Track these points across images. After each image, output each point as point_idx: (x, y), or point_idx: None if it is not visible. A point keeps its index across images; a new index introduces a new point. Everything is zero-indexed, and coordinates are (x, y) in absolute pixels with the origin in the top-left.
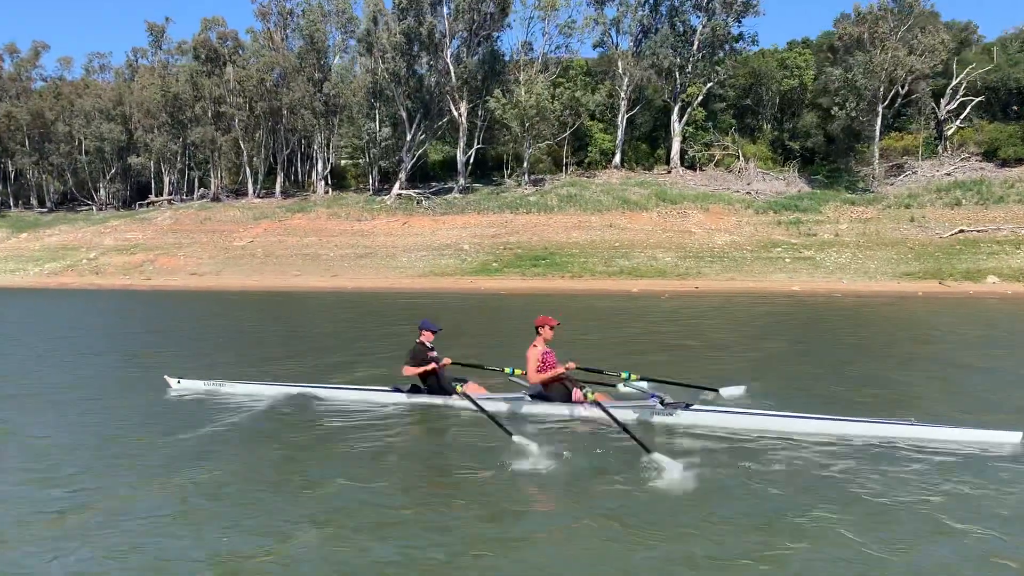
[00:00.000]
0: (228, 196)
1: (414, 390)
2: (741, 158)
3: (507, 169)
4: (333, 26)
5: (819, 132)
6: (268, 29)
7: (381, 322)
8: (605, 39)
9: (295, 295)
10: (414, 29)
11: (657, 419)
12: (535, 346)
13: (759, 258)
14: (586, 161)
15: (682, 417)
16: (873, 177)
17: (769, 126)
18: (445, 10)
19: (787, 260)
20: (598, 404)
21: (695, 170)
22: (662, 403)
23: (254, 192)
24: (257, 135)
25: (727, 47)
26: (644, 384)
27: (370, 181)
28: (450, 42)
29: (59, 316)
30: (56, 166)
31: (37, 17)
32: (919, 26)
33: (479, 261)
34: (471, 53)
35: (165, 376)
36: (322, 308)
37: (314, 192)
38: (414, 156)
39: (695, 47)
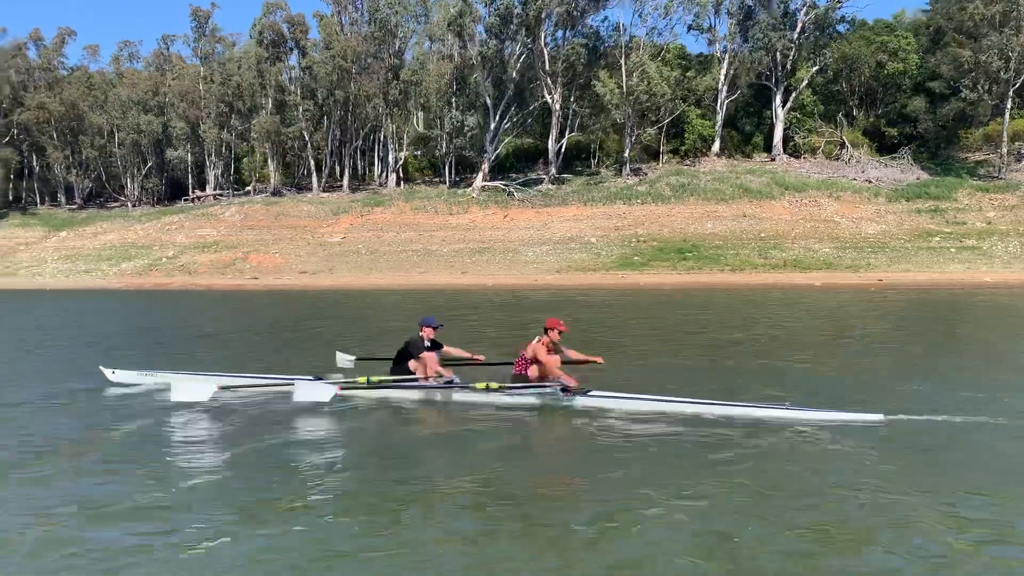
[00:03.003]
0: (289, 190)
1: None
2: (848, 145)
3: (594, 159)
4: (405, 10)
5: (929, 117)
6: (338, 13)
7: (618, 323)
8: (701, 21)
9: (448, 294)
10: (510, 10)
11: (557, 403)
12: (541, 342)
13: (921, 248)
14: (683, 149)
15: (582, 402)
16: (1002, 163)
17: (862, 112)
18: None
19: (952, 250)
20: (503, 388)
21: (798, 157)
22: (563, 390)
23: (319, 186)
24: (323, 126)
25: (832, 29)
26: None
27: (446, 173)
28: (547, 24)
29: (247, 324)
30: (89, 160)
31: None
32: None
33: (616, 255)
34: (572, 36)
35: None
36: (517, 309)
37: (381, 185)
38: (497, 146)
39: (797, 31)
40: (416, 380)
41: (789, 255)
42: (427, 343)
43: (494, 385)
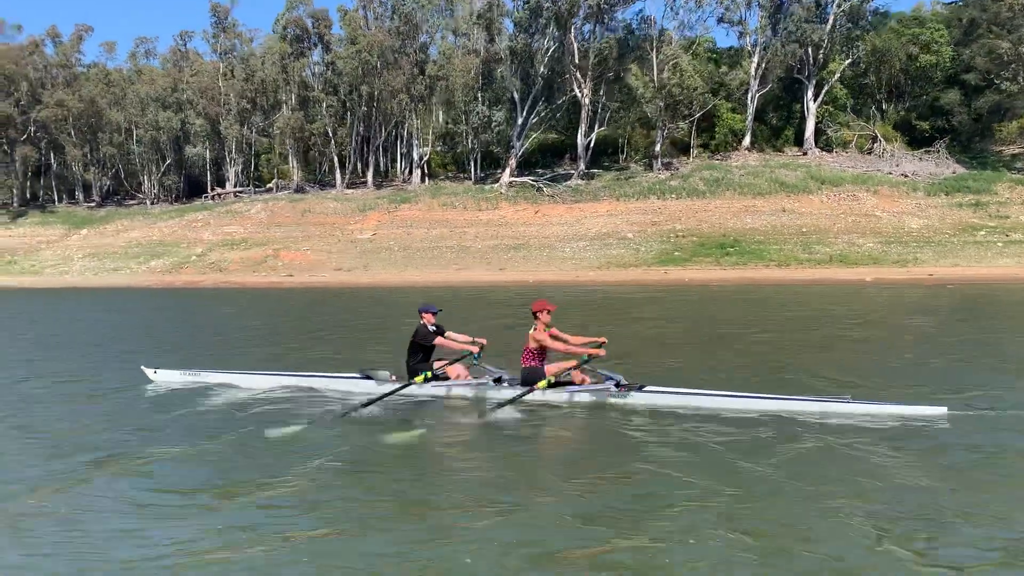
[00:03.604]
0: (312, 187)
1: (414, 372)
2: (881, 139)
3: (622, 154)
4: (430, 3)
5: (963, 110)
6: (363, 7)
7: (683, 318)
8: (731, 15)
9: (491, 291)
10: (540, 4)
11: (612, 400)
12: (538, 329)
13: (967, 243)
14: (713, 143)
15: (636, 398)
16: None
17: (891, 106)
18: None
19: (999, 244)
20: (555, 381)
21: (830, 151)
22: (617, 385)
23: (343, 183)
24: (347, 122)
25: (865, 21)
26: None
27: (472, 169)
28: (576, 18)
29: (305, 322)
30: (107, 157)
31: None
32: None
33: (657, 250)
34: (601, 29)
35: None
36: (569, 306)
37: (405, 181)
38: (525, 141)
39: (829, 24)
40: (469, 381)
41: (833, 250)
42: (432, 328)
43: (551, 381)
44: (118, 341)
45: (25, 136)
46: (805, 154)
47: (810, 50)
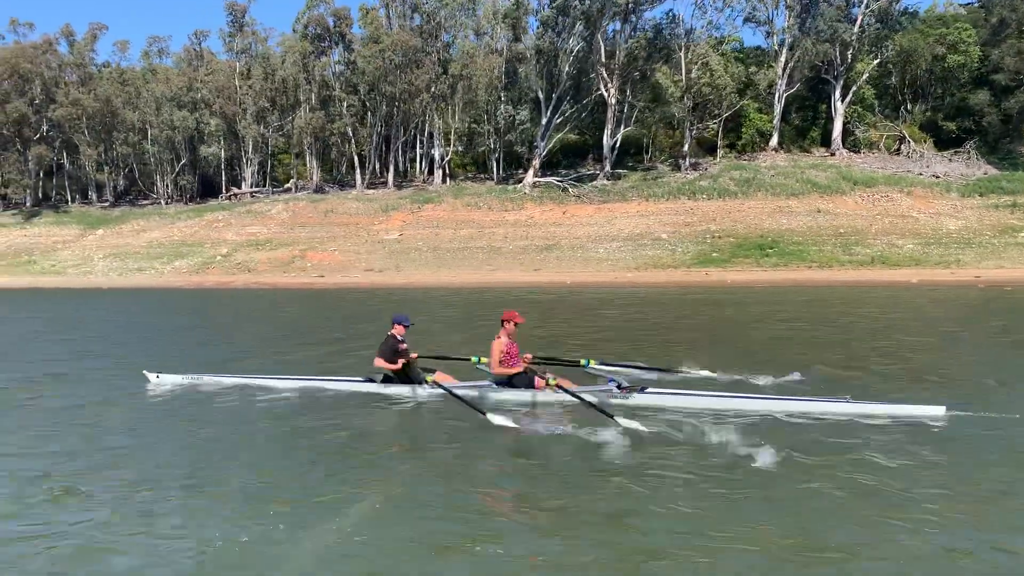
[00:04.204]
0: (331, 187)
1: (387, 380)
2: (909, 140)
3: (646, 153)
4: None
5: (992, 111)
6: (385, 6)
7: (748, 321)
8: (758, 15)
9: (532, 292)
10: (568, 3)
11: (614, 402)
12: (499, 338)
13: (1009, 244)
14: (740, 143)
15: (638, 399)
16: None
17: (916, 106)
18: None
19: None
20: (560, 387)
21: (857, 152)
22: (619, 387)
23: (363, 183)
24: (367, 121)
25: (894, 21)
26: (605, 367)
27: (495, 169)
28: (605, 17)
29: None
30: (120, 157)
31: None
32: None
33: (693, 251)
34: (628, 28)
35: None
36: (620, 307)
37: (425, 181)
38: (549, 141)
39: (857, 23)
40: (478, 382)
41: (873, 251)
42: (400, 338)
43: (552, 382)
44: (214, 347)
45: (38, 135)
46: (833, 155)
47: (838, 50)
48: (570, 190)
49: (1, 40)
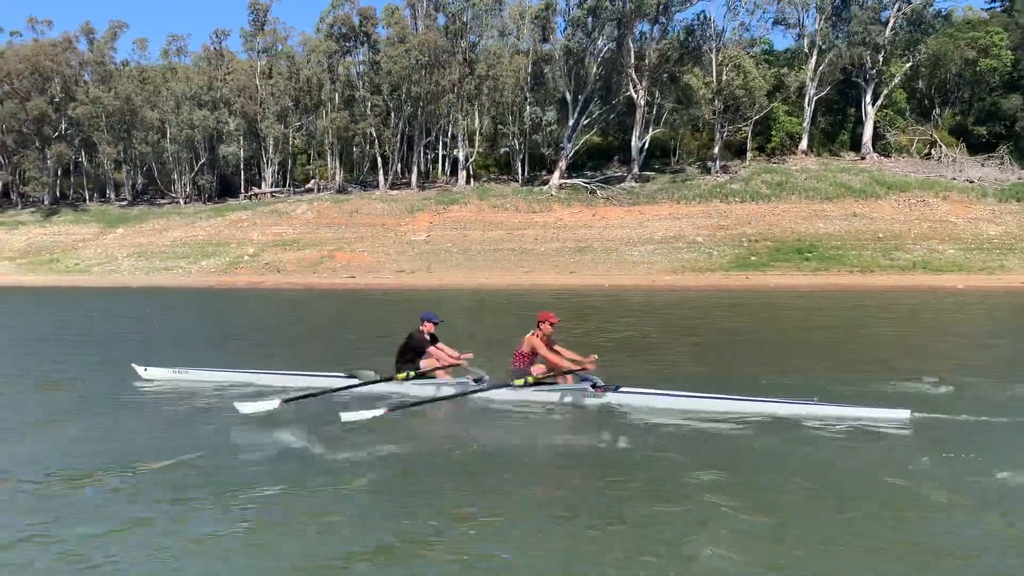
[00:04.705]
0: (354, 187)
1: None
2: (941, 144)
3: (673, 156)
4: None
5: None
6: (412, 6)
7: (814, 327)
8: (788, 17)
9: (571, 294)
10: (600, 4)
11: (589, 401)
12: (536, 335)
13: None
14: (769, 146)
15: (611, 398)
16: None
17: (945, 110)
18: None
19: None
20: (537, 381)
21: (888, 156)
22: (593, 386)
23: (386, 183)
24: (390, 122)
25: (926, 25)
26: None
27: (520, 170)
28: (637, 18)
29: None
30: (142, 156)
31: None
32: None
33: (731, 255)
34: (656, 30)
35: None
36: (669, 310)
37: (447, 182)
38: (576, 143)
39: (889, 26)
40: (448, 380)
41: (914, 256)
42: (428, 337)
43: (531, 380)
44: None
45: (57, 134)
46: (863, 158)
47: (868, 53)
48: (598, 192)
49: (19, 37)
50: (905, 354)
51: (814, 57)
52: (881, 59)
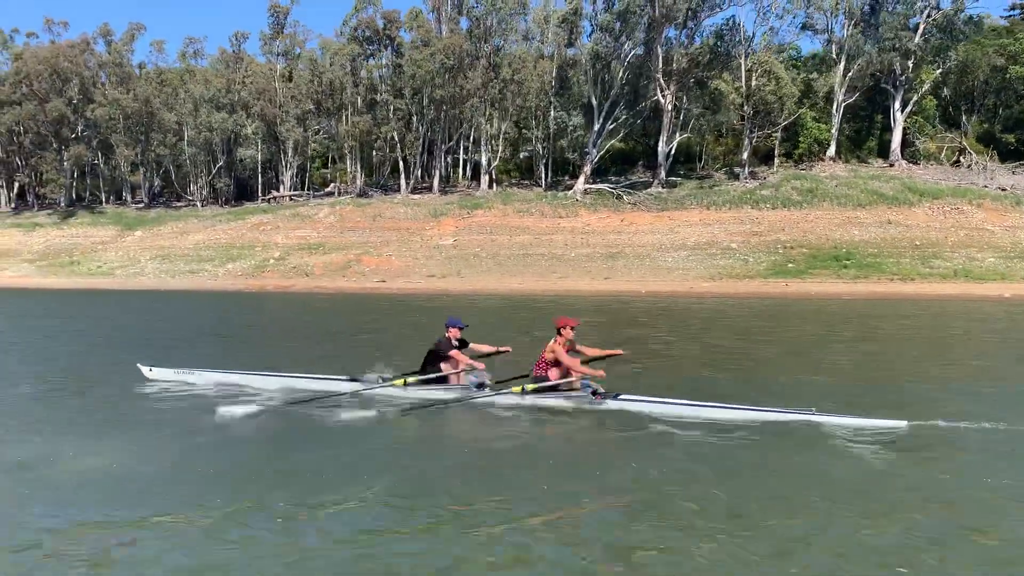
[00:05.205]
0: (375, 191)
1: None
2: (970, 151)
3: (698, 162)
4: (507, 5)
5: None
6: (436, 10)
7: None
8: (815, 23)
9: (610, 300)
10: (630, 8)
11: (588, 407)
12: (557, 342)
13: None
14: (796, 152)
15: (611, 405)
16: None
17: (972, 117)
18: None
19: None
20: (535, 388)
21: (916, 163)
22: (594, 393)
23: (407, 187)
24: (412, 126)
25: (957, 30)
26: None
27: (544, 175)
28: (665, 23)
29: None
30: (159, 158)
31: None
32: None
33: (767, 262)
34: (684, 34)
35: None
36: (718, 318)
37: (468, 186)
38: (601, 147)
39: (919, 32)
40: (449, 383)
41: (954, 265)
42: (455, 343)
43: (529, 387)
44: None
45: (75, 135)
46: (891, 165)
47: (898, 59)
48: (624, 198)
49: (35, 39)
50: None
51: (842, 63)
52: (911, 65)
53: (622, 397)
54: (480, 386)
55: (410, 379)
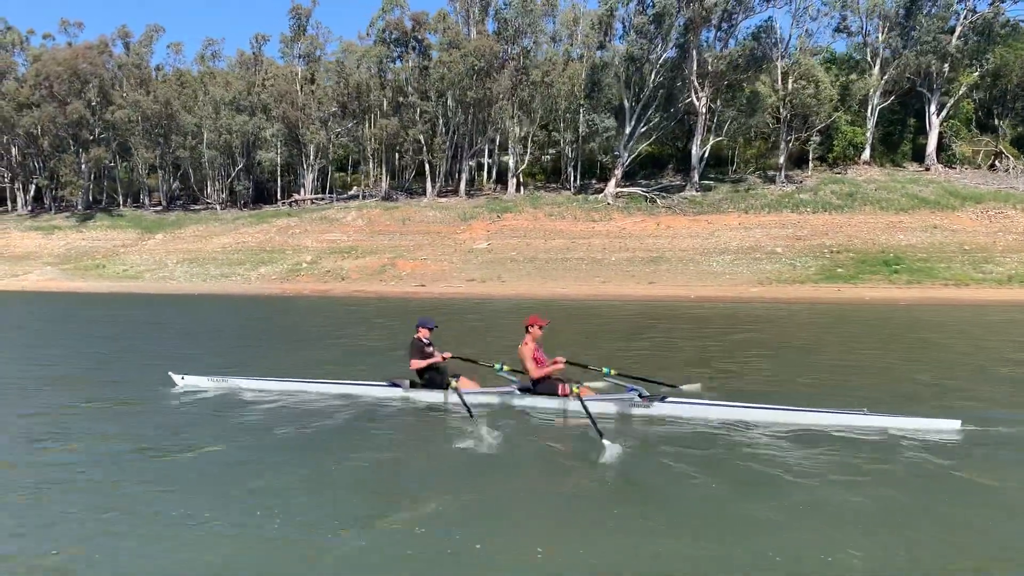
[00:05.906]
0: (399, 195)
1: (412, 384)
2: (1007, 156)
3: (731, 165)
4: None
5: None
6: (465, 11)
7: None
8: (849, 24)
9: (656, 305)
10: (667, 10)
11: (635, 411)
12: (526, 344)
13: None
14: (831, 156)
15: (658, 408)
16: None
17: (1006, 121)
18: None
19: None
20: (579, 398)
21: (953, 167)
22: (640, 396)
23: (433, 190)
24: (439, 129)
25: (995, 33)
26: (625, 377)
27: (574, 178)
28: (701, 25)
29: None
30: (179, 161)
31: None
32: None
33: (815, 266)
34: (725, 37)
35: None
36: (778, 325)
37: (493, 190)
38: (633, 151)
39: (956, 34)
40: (490, 389)
41: (1008, 270)
42: (426, 341)
43: (576, 390)
44: None
45: (93, 138)
46: (927, 169)
47: (935, 62)
48: (658, 201)
49: (52, 40)
50: None
51: (878, 65)
52: (947, 68)
53: (670, 400)
54: (524, 390)
55: (451, 383)
